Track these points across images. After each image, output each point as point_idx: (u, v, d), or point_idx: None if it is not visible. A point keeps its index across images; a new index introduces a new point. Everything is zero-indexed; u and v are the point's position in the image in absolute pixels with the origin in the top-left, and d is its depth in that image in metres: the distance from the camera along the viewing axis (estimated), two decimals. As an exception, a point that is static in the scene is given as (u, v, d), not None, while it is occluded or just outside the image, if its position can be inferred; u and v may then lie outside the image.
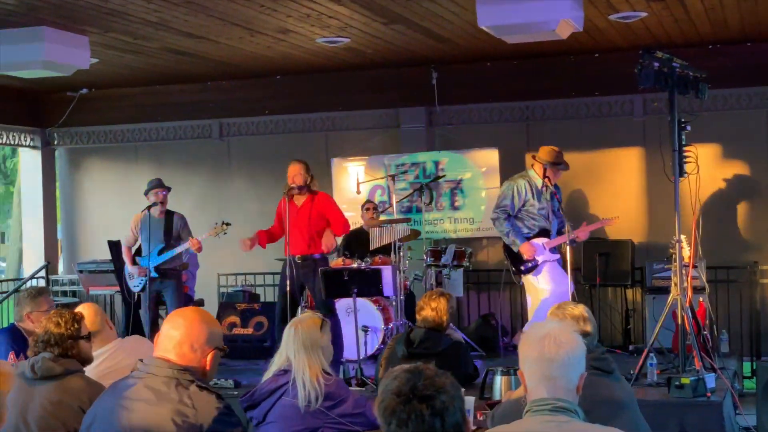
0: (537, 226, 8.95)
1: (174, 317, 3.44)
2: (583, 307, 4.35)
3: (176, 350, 3.35)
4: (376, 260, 9.92)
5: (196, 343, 3.36)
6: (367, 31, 9.11)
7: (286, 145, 11.80)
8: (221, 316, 10.47)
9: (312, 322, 4.69)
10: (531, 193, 8.93)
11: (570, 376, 3.05)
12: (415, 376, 2.63)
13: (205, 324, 3.40)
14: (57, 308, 5.16)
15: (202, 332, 3.38)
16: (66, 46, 8.47)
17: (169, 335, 3.38)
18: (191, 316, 3.43)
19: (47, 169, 12.70)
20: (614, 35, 9.70)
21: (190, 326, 3.38)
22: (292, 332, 4.66)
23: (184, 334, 3.36)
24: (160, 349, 3.37)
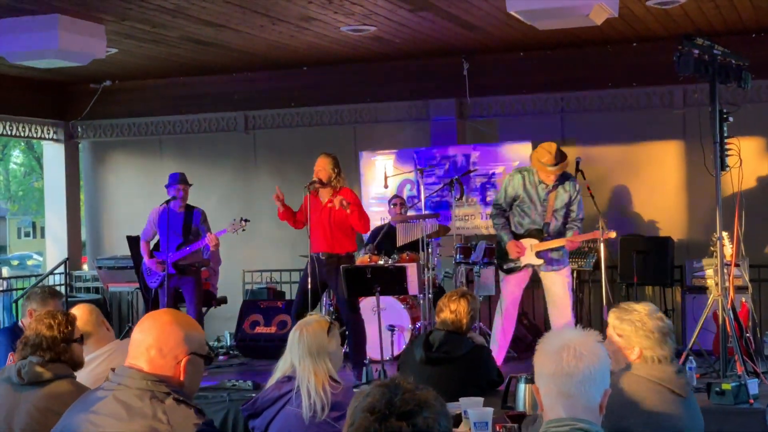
0: (524, 225, 8.26)
1: (144, 320, 3.09)
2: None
3: (144, 356, 3.00)
4: (404, 257, 9.58)
5: (165, 347, 3.00)
6: (393, 18, 8.75)
7: (313, 138, 11.47)
8: (244, 314, 10.20)
9: (318, 325, 4.34)
10: (523, 189, 8.24)
11: (591, 393, 2.68)
12: (391, 390, 2.26)
13: (177, 325, 3.05)
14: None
15: (172, 335, 3.02)
16: (81, 35, 8.19)
17: (136, 340, 3.03)
18: (161, 317, 3.08)
19: (71, 163, 12.48)
20: (652, 23, 9.26)
21: (158, 328, 3.03)
22: (296, 336, 4.32)
23: (150, 338, 3.01)
24: (130, 357, 3.03)
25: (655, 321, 3.78)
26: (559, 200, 8.16)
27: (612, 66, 10.47)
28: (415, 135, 11.30)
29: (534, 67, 10.75)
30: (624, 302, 3.98)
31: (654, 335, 3.74)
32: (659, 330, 3.75)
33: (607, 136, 10.69)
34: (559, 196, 8.15)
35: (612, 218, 10.31)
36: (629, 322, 3.81)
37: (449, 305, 5.39)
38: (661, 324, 3.78)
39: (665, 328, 3.78)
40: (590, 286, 10.22)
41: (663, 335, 3.75)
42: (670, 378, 3.67)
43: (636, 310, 3.83)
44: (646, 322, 3.77)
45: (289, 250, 10.97)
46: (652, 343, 3.73)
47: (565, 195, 8.17)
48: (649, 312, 3.81)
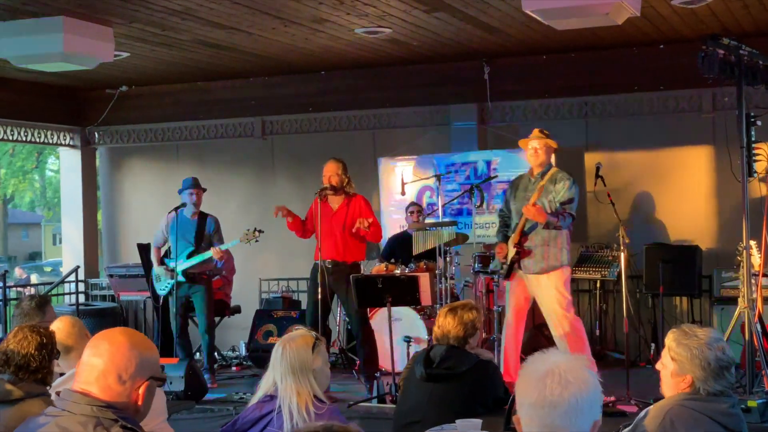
0: (513, 225, 7.94)
1: (97, 341, 2.82)
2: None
3: (100, 382, 2.74)
4: (421, 266, 9.32)
5: (125, 373, 2.74)
6: (409, 20, 8.48)
7: (331, 143, 11.21)
8: (257, 323, 9.97)
9: (303, 341, 4.07)
10: (514, 189, 7.98)
11: (577, 425, 2.40)
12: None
13: (136, 349, 2.79)
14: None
15: (132, 359, 2.76)
16: (87, 38, 7.99)
17: (90, 364, 2.77)
18: (118, 339, 2.81)
19: (87, 169, 12.30)
20: (679, 24, 8.93)
21: (116, 352, 2.77)
22: (279, 353, 4.04)
23: (109, 363, 2.75)
24: (80, 381, 2.77)
25: (714, 352, 3.46)
26: (545, 192, 7.70)
27: (638, 69, 10.13)
28: (435, 141, 11.02)
29: (557, 71, 10.43)
30: (687, 324, 3.66)
31: (710, 367, 3.43)
32: (717, 362, 3.44)
33: (633, 141, 10.34)
34: (546, 188, 7.72)
35: (637, 226, 10.00)
36: (686, 348, 3.50)
37: (448, 316, 5.09)
38: (721, 356, 3.46)
39: (725, 360, 3.46)
40: (614, 296, 9.89)
41: (721, 368, 3.44)
42: (722, 412, 3.37)
43: (696, 336, 3.51)
44: (704, 351, 3.46)
45: (307, 259, 10.69)
46: (706, 375, 3.42)
47: (552, 188, 7.72)
48: (709, 340, 3.50)
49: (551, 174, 7.82)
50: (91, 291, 12.09)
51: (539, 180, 7.81)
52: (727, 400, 3.46)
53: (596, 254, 9.78)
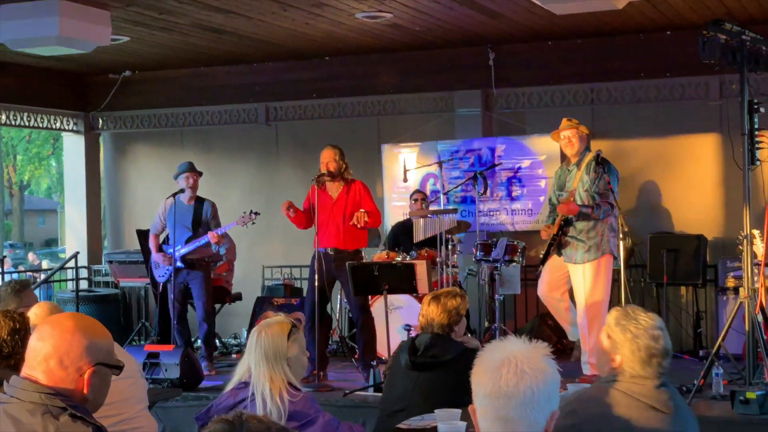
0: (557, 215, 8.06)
1: (43, 325, 2.74)
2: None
3: (42, 366, 2.65)
4: (422, 254, 9.22)
5: (67, 357, 2.65)
6: (409, 4, 8.38)
7: (335, 129, 11.11)
8: (258, 311, 9.91)
9: (279, 328, 3.99)
10: (557, 181, 8.13)
11: (533, 417, 2.30)
12: (234, 428, 1.94)
13: (81, 333, 2.69)
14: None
15: (75, 343, 2.67)
16: (83, 21, 7.90)
17: (34, 348, 2.68)
18: (63, 323, 2.71)
19: (91, 154, 12.25)
20: (685, 9, 8.78)
21: (59, 336, 2.67)
22: (254, 339, 3.98)
23: (50, 347, 2.66)
24: (26, 366, 2.68)
25: (647, 340, 3.37)
26: (581, 182, 7.85)
27: (645, 56, 9.98)
28: (440, 127, 10.91)
29: (563, 57, 10.30)
30: (633, 306, 3.56)
31: (640, 354, 3.34)
32: (647, 350, 3.34)
33: (640, 129, 10.21)
34: (582, 178, 7.86)
35: (642, 215, 9.88)
36: (623, 329, 3.41)
37: (434, 303, 5.01)
38: (654, 345, 3.36)
39: (656, 350, 3.36)
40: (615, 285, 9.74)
41: (649, 357, 3.34)
42: (649, 393, 3.27)
43: (636, 321, 3.42)
44: (639, 337, 3.37)
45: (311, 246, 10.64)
46: (635, 360, 3.33)
47: (587, 177, 7.84)
48: (648, 328, 3.39)
49: (586, 162, 7.89)
50: (94, 277, 12.06)
51: (576, 170, 7.92)
52: (655, 380, 3.36)
53: (600, 243, 9.63)
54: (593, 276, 7.87)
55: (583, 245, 7.84)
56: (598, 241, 7.83)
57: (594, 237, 7.82)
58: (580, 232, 7.85)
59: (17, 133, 35.24)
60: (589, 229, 7.81)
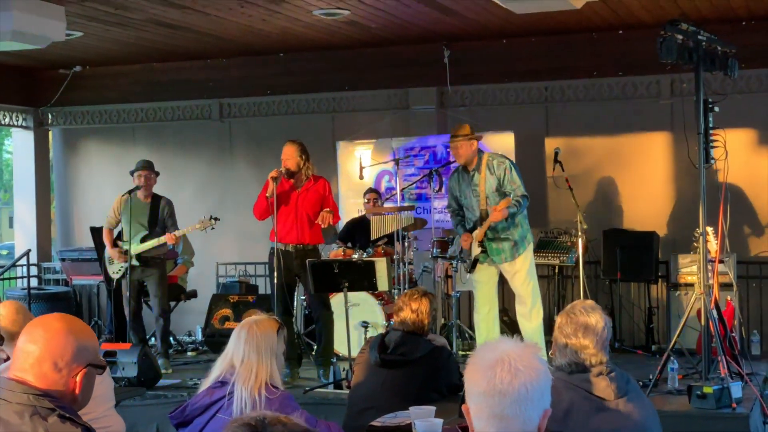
0: (470, 220, 8.06)
1: (33, 328, 2.72)
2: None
3: (35, 369, 2.63)
4: (378, 251, 9.24)
5: (61, 360, 2.64)
6: (367, 2, 8.39)
7: (290, 126, 11.07)
8: (213, 308, 9.85)
9: (269, 323, 4.00)
10: (458, 184, 8.10)
11: (528, 414, 2.33)
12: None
13: (73, 335, 2.68)
14: None
15: (68, 346, 2.66)
16: (37, 16, 7.78)
17: (25, 350, 2.66)
18: (54, 326, 2.70)
19: (40, 151, 12.08)
20: (638, 9, 8.90)
21: (52, 339, 2.66)
22: (243, 334, 3.96)
23: (44, 349, 2.64)
24: (15, 368, 2.66)
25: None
26: (488, 184, 7.88)
27: (597, 54, 10.11)
28: (395, 124, 10.93)
29: (517, 55, 10.38)
30: (586, 304, 3.67)
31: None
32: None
33: (592, 127, 10.33)
34: (487, 180, 7.88)
35: (596, 212, 9.99)
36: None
37: (410, 304, 5.03)
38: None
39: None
40: (572, 281, 9.86)
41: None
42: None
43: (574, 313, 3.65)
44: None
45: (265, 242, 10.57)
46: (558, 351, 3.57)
47: (492, 178, 7.87)
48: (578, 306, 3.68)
49: (485, 163, 7.91)
50: (44, 275, 11.90)
51: (477, 174, 7.92)
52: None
53: (555, 240, 9.75)
54: (529, 266, 8.00)
55: (509, 242, 7.91)
56: (523, 234, 7.94)
57: (518, 230, 7.91)
58: (503, 230, 7.89)
59: (-44, 128, 34.65)
60: (510, 225, 7.87)
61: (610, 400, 3.50)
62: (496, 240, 7.90)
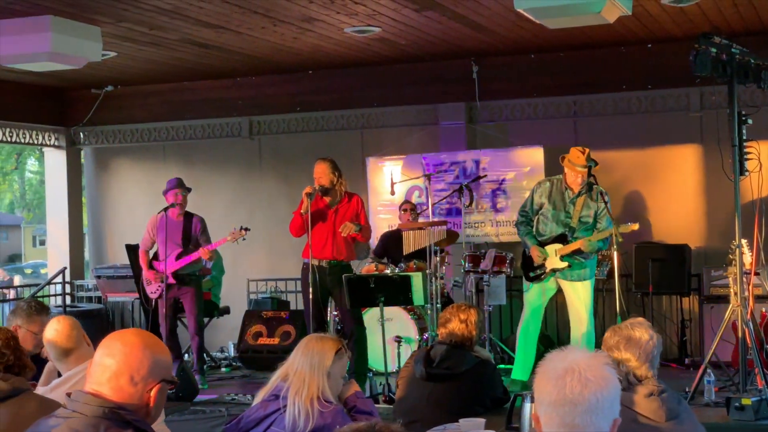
0: (547, 232, 8.21)
1: (110, 342, 2.76)
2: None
3: (111, 383, 2.68)
4: (411, 266, 9.28)
5: (137, 374, 2.68)
6: (399, 19, 8.46)
7: (319, 143, 11.17)
8: (246, 324, 9.93)
9: (330, 343, 4.05)
10: (548, 197, 8.22)
11: (597, 424, 2.37)
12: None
13: (149, 350, 2.73)
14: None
15: (145, 361, 2.70)
16: (75, 37, 7.91)
17: (102, 364, 2.71)
18: (131, 340, 2.74)
19: (72, 170, 12.21)
20: (668, 23, 8.94)
21: (129, 353, 2.70)
22: (302, 345, 4.04)
23: (121, 364, 2.68)
24: (92, 382, 2.70)
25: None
26: (586, 209, 8.14)
27: (626, 68, 10.14)
28: (424, 140, 10.99)
29: (545, 70, 10.43)
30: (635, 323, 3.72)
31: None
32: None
33: (622, 140, 10.35)
34: (586, 205, 8.15)
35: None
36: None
37: (458, 315, 5.06)
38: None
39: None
40: (604, 295, 9.87)
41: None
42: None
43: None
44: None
45: (295, 259, 10.65)
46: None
47: (593, 204, 8.15)
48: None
49: (595, 191, 8.18)
50: (76, 292, 12.00)
51: (578, 196, 8.15)
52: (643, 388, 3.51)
53: (586, 254, 9.74)
54: (590, 296, 8.26)
55: (583, 266, 8.20)
56: (591, 265, 8.27)
57: (590, 260, 8.25)
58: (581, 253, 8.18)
59: (-20, 148, 34.94)
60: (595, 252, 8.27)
61: (660, 422, 3.49)
62: (576, 260, 8.11)
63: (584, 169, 8.03)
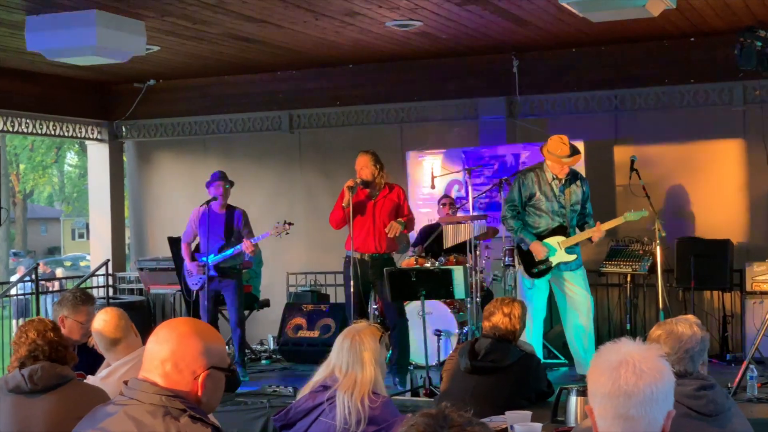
0: (542, 224, 8.18)
1: (159, 329, 2.79)
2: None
3: (158, 370, 2.70)
4: (451, 260, 9.30)
5: (182, 361, 2.70)
6: (440, 12, 8.46)
7: (359, 137, 11.20)
8: (286, 317, 9.98)
9: (372, 333, 4.07)
10: (538, 187, 8.15)
11: (652, 415, 2.38)
12: (438, 422, 1.97)
13: (198, 337, 2.74)
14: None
15: (190, 347, 2.72)
16: (120, 31, 7.98)
17: (151, 351, 2.74)
18: (179, 327, 2.76)
19: (115, 163, 12.35)
20: (711, 16, 8.87)
21: (177, 341, 2.72)
22: (347, 343, 4.04)
23: (167, 350, 2.71)
24: (144, 369, 2.74)
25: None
26: (574, 196, 8.14)
27: (669, 62, 10.07)
28: (464, 134, 10.99)
29: (586, 64, 10.38)
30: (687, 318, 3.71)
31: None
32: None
33: (663, 135, 10.29)
34: (574, 193, 8.14)
35: (668, 220, 9.92)
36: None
37: (502, 308, 5.07)
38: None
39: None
40: (645, 290, 9.83)
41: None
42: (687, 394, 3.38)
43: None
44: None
45: (334, 252, 10.70)
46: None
47: (579, 192, 8.15)
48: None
49: (579, 178, 8.23)
50: (118, 284, 12.12)
51: (566, 185, 8.12)
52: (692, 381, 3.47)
53: (627, 248, 9.73)
54: (586, 277, 8.32)
55: (576, 255, 8.24)
56: (579, 253, 8.31)
57: (582, 243, 8.32)
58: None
59: (21, 141, 35.29)
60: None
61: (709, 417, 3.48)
62: (571, 249, 8.10)
63: (570, 160, 7.97)
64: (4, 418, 3.93)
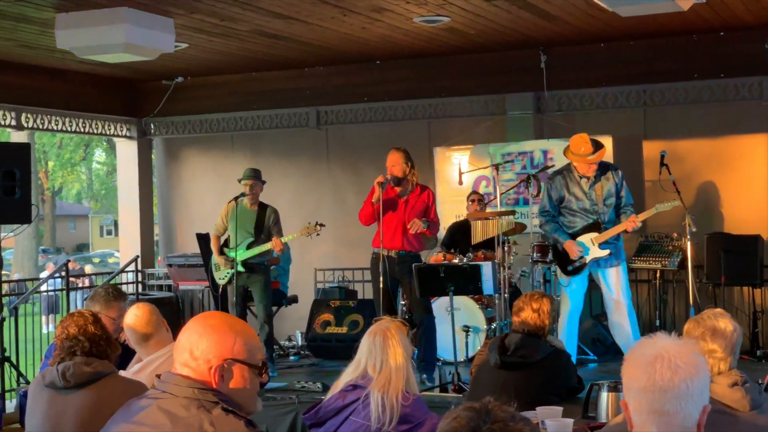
0: (577, 223, 8.14)
1: (191, 322, 2.76)
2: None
3: (191, 363, 2.70)
4: (479, 255, 9.28)
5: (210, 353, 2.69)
6: (468, 8, 8.44)
7: (386, 133, 11.20)
8: (314, 313, 10.00)
9: (400, 328, 4.06)
10: (566, 189, 8.11)
11: (688, 410, 2.36)
12: (481, 416, 1.97)
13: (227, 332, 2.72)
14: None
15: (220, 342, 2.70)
16: (148, 29, 8.03)
17: (181, 345, 2.74)
18: (208, 321, 2.76)
19: (143, 160, 12.42)
20: (741, 10, 8.80)
21: (206, 334, 2.71)
22: (378, 341, 4.01)
23: (197, 344, 2.71)
24: (176, 362, 2.76)
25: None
26: (606, 190, 8.07)
27: (697, 56, 10.00)
28: (491, 130, 10.96)
29: (614, 59, 10.33)
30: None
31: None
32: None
33: (693, 130, 10.22)
34: (605, 186, 8.07)
35: (698, 216, 9.86)
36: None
37: (531, 304, 5.06)
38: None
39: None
40: (674, 286, 9.78)
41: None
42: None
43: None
44: None
45: (362, 248, 10.71)
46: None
47: (610, 184, 8.08)
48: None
49: (610, 173, 8.13)
50: (147, 281, 12.19)
51: (597, 182, 8.07)
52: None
53: (656, 244, 9.69)
54: (626, 275, 8.27)
55: (615, 249, 8.15)
56: (620, 248, 8.20)
57: (619, 243, 8.20)
58: (616, 237, 8.16)
59: (49, 138, 35.55)
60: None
61: (744, 412, 3.45)
62: (608, 245, 8.07)
63: (594, 156, 7.90)
64: (38, 413, 3.96)
